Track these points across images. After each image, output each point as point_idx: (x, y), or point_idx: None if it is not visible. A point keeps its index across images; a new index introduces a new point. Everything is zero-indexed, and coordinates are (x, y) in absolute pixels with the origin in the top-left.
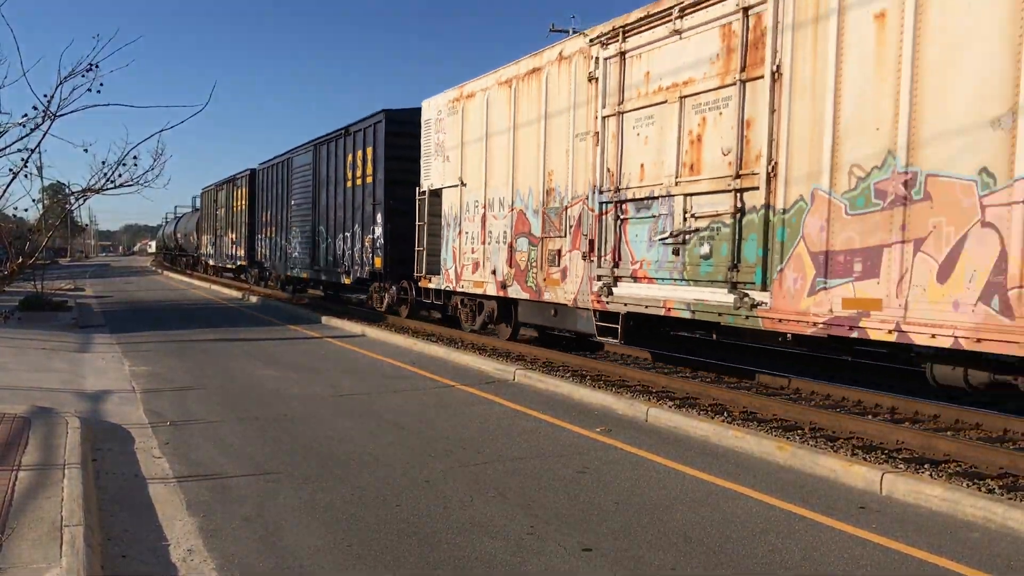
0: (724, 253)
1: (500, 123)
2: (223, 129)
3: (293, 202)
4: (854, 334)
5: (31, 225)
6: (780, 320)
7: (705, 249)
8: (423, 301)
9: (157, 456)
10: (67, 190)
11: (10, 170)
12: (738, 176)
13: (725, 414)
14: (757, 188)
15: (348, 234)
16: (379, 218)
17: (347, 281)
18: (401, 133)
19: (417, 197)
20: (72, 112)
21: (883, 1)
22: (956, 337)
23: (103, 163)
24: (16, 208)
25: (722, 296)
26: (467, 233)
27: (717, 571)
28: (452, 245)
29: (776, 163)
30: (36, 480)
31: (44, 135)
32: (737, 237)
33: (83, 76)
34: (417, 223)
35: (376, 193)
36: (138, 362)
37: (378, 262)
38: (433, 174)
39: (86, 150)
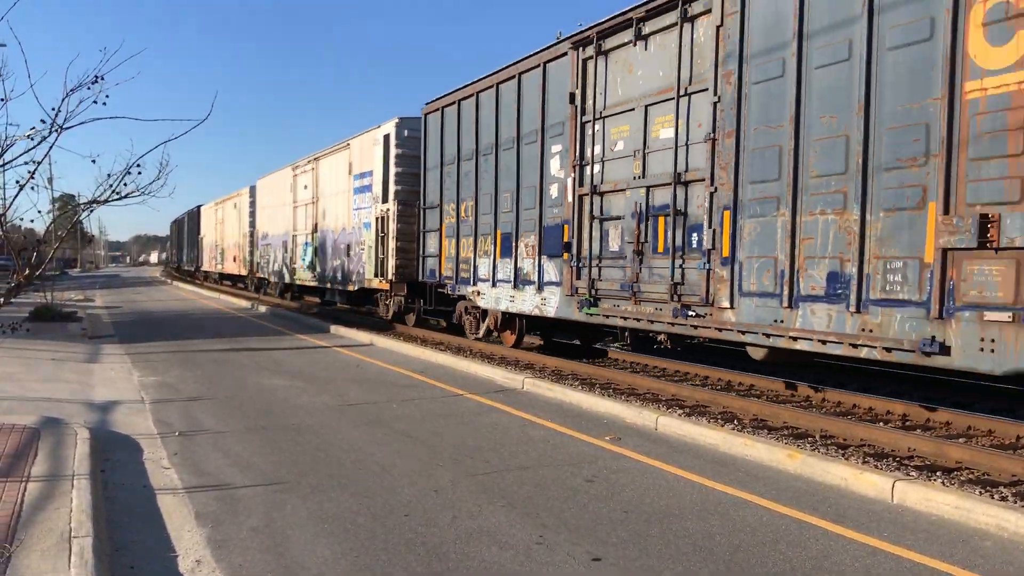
0: None
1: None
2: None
3: (185, 233)
4: None
5: (39, 237)
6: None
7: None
8: (200, 273)
9: (166, 467)
10: (76, 200)
11: (16, 182)
12: None
13: (735, 422)
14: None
15: (195, 249)
16: (194, 246)
17: (192, 268)
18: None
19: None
20: (79, 124)
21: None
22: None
23: (108, 175)
24: (22, 220)
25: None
26: (211, 248)
27: None
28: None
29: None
30: (45, 491)
31: (51, 147)
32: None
33: (89, 88)
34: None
35: (193, 237)
36: (147, 372)
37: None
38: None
39: (94, 161)
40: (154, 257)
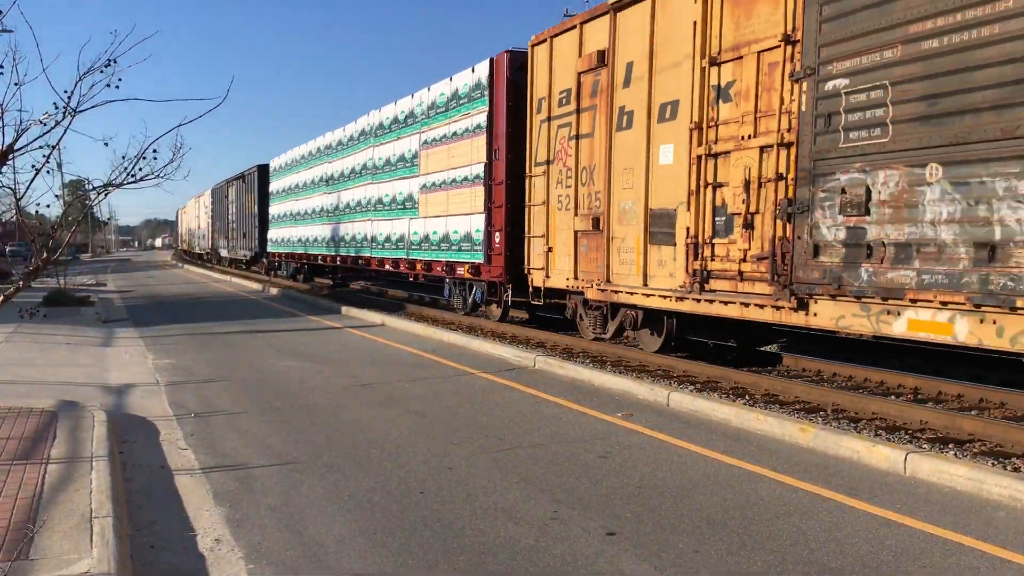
0: None
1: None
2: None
3: (175, 223)
4: None
5: (54, 222)
6: None
7: None
8: (192, 253)
9: (182, 448)
10: (88, 185)
11: (32, 167)
12: None
13: (747, 397)
14: None
15: (177, 235)
16: (177, 233)
17: (177, 247)
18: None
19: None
20: (92, 108)
21: None
22: None
23: (123, 157)
24: (39, 205)
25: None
26: (181, 234)
27: (740, 553)
28: (180, 239)
29: None
30: (65, 473)
31: (65, 131)
32: None
33: (101, 72)
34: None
35: (176, 227)
36: (161, 355)
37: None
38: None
39: (106, 144)
40: (159, 242)
